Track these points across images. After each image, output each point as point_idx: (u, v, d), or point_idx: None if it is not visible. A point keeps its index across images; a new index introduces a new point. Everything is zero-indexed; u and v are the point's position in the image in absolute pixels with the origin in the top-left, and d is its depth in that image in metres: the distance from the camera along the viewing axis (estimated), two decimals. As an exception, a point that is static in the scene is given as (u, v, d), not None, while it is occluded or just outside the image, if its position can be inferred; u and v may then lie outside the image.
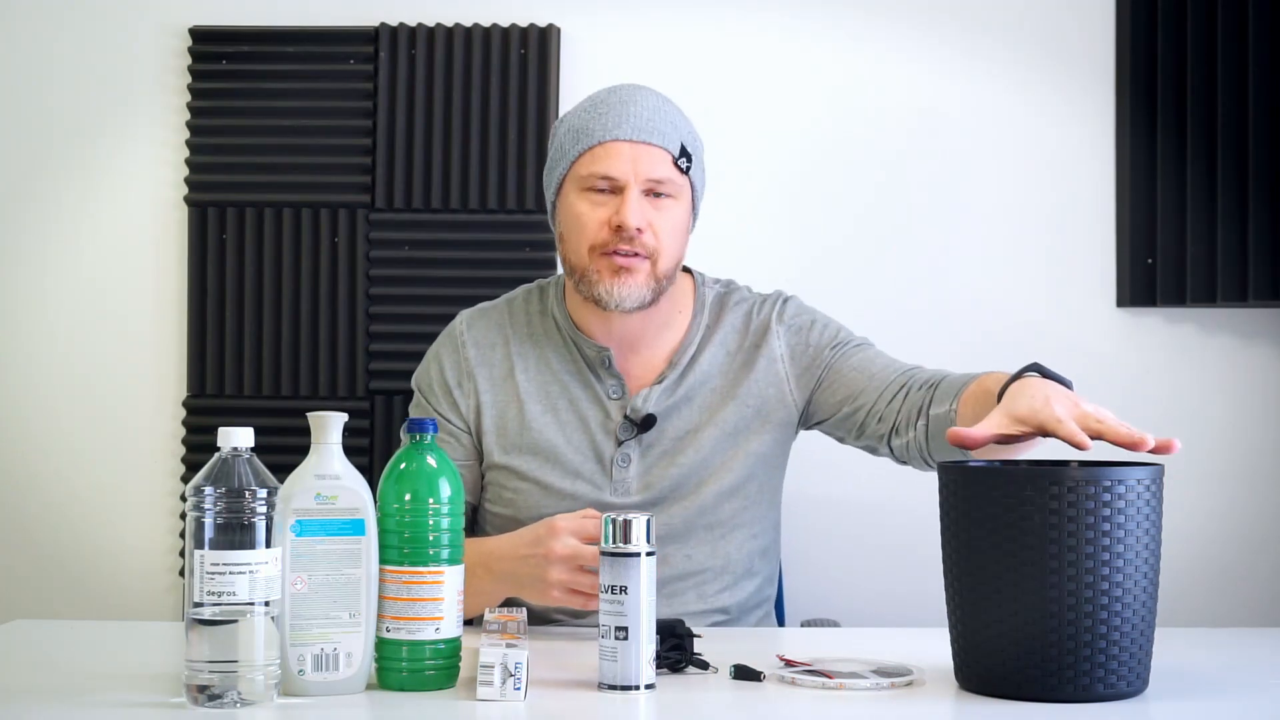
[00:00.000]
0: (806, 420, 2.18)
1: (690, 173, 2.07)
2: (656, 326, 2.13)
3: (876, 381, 2.10)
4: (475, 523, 2.20)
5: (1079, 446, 1.58)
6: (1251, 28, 2.69)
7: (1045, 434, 1.61)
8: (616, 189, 2.03)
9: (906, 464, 2.10)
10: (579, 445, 2.11)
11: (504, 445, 2.13)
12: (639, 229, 2.02)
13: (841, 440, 2.18)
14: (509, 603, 1.98)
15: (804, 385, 2.15)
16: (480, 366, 2.15)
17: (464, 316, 2.22)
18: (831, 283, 2.81)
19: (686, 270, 2.22)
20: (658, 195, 2.04)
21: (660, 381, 2.12)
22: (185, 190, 2.86)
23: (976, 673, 1.57)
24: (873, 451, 2.15)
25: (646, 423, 2.10)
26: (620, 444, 2.10)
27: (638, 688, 1.56)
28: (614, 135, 2.03)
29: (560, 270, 2.21)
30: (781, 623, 2.38)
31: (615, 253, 2.03)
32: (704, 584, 2.11)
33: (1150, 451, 1.56)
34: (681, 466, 2.10)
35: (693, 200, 2.11)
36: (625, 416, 2.10)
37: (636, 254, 2.03)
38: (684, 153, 2.06)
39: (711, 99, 2.84)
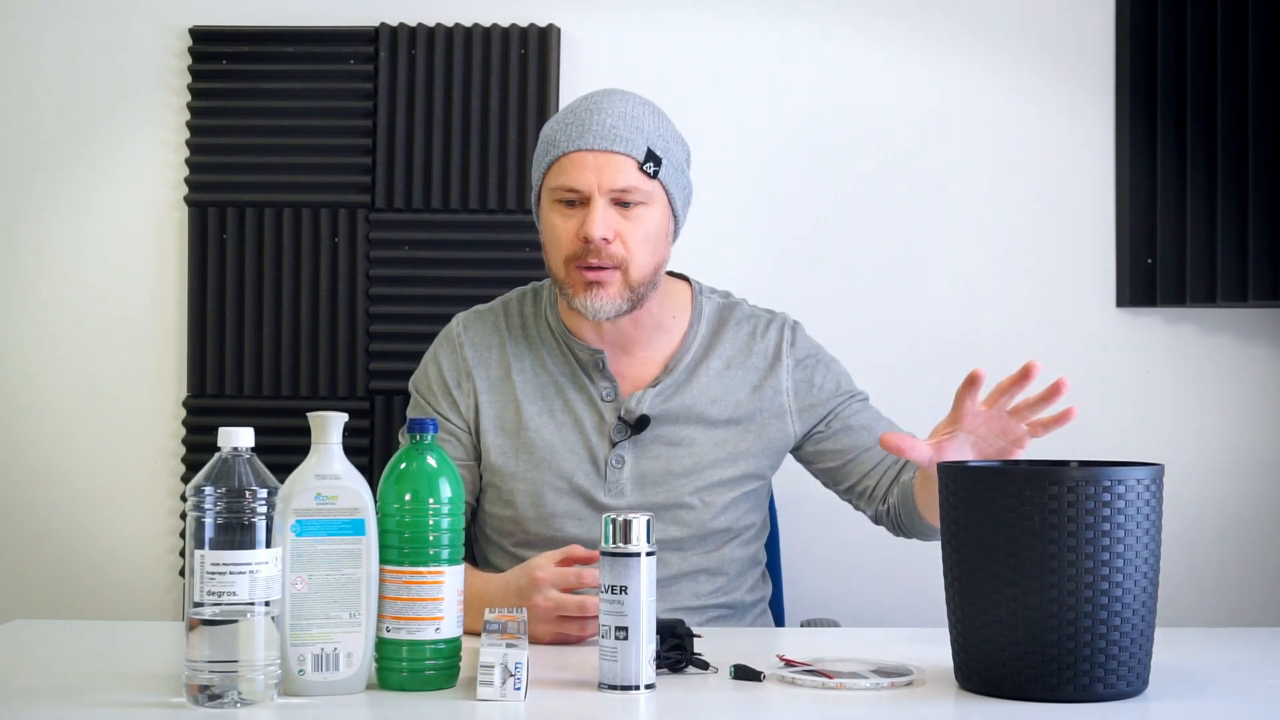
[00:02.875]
0: (795, 450, 2.23)
1: (661, 176, 2.06)
2: (648, 331, 2.14)
3: (875, 451, 2.17)
4: (474, 523, 2.21)
5: (975, 379, 1.81)
6: (1251, 28, 2.69)
7: (960, 413, 1.82)
8: (584, 200, 2.04)
9: (879, 525, 2.20)
10: (574, 446, 2.12)
11: (502, 446, 2.14)
12: (605, 239, 2.02)
13: (824, 485, 2.25)
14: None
15: (805, 421, 2.19)
16: (478, 367, 2.17)
17: (460, 319, 2.23)
18: (832, 283, 2.82)
19: (683, 278, 2.23)
20: (626, 204, 2.04)
21: (655, 385, 2.13)
22: (185, 190, 2.86)
23: (976, 673, 1.57)
24: (851, 504, 2.23)
25: (640, 424, 2.10)
26: (614, 445, 2.11)
27: (638, 688, 1.56)
28: (576, 146, 2.03)
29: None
30: (781, 622, 2.38)
31: (586, 266, 2.04)
32: (699, 584, 2.13)
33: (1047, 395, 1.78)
34: (678, 476, 2.12)
35: (670, 203, 2.10)
36: (619, 418, 2.11)
37: (604, 266, 2.04)
38: (650, 157, 2.05)
39: (710, 99, 2.84)
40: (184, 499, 1.44)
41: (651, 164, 2.05)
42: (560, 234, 2.05)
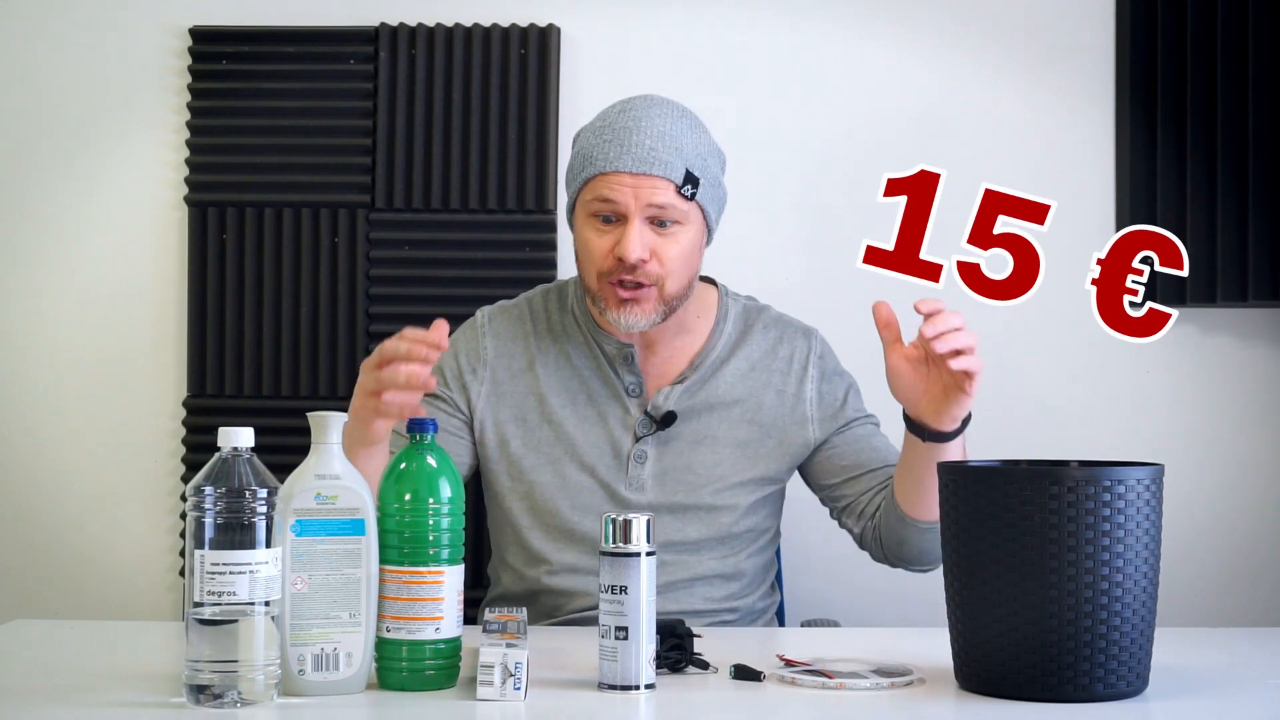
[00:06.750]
0: (805, 458, 2.21)
1: (698, 197, 2.05)
2: (673, 331, 2.14)
3: (879, 473, 2.17)
4: (478, 513, 2.20)
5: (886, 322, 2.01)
6: (1251, 28, 2.69)
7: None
8: (620, 217, 2.03)
9: (864, 549, 2.20)
10: (596, 439, 2.11)
11: (523, 437, 2.13)
12: (642, 260, 2.01)
13: (819, 498, 2.24)
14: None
15: (824, 430, 2.18)
16: (500, 357, 2.16)
17: (485, 311, 2.22)
18: (828, 281, 2.81)
19: (709, 281, 2.23)
20: (663, 223, 2.03)
21: (681, 381, 2.13)
22: (185, 190, 2.86)
23: (976, 673, 1.57)
24: (839, 522, 2.22)
25: (666, 420, 2.10)
26: (638, 439, 2.11)
27: (638, 688, 1.56)
28: (615, 166, 2.01)
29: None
30: (781, 623, 2.38)
31: (620, 284, 2.03)
32: (713, 588, 2.12)
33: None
34: (699, 474, 2.11)
35: (706, 220, 2.10)
36: (645, 413, 2.11)
37: (640, 284, 2.03)
38: (688, 179, 2.03)
39: (710, 100, 2.83)
40: (184, 499, 1.44)
41: (689, 186, 2.03)
42: (594, 249, 2.04)
